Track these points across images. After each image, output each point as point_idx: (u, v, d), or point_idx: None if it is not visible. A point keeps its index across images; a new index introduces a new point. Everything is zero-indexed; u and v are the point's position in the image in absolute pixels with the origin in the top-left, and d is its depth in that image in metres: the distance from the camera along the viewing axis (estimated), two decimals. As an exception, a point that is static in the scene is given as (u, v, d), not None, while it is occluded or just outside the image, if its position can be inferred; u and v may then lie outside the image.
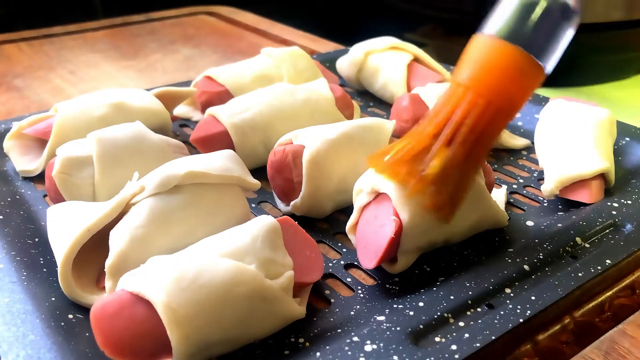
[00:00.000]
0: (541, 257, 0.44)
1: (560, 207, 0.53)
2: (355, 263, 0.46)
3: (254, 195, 0.57)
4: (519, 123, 0.70)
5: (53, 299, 0.41)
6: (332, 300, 0.42)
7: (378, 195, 0.44)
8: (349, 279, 0.44)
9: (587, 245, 0.46)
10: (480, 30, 0.42)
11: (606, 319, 0.43)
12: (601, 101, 0.62)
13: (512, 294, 0.40)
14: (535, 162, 0.61)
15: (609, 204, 0.51)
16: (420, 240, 0.43)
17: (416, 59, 0.76)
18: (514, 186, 0.57)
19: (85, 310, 0.40)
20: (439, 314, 0.38)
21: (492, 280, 0.41)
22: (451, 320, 0.38)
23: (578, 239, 0.46)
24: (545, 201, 0.54)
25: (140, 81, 0.95)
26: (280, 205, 0.54)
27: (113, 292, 0.36)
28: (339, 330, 0.38)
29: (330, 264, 0.46)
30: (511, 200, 0.55)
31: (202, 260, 0.36)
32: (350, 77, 0.80)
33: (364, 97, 0.81)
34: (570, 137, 0.55)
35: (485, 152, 0.43)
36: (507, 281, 0.42)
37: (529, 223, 0.50)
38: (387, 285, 0.43)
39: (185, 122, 0.73)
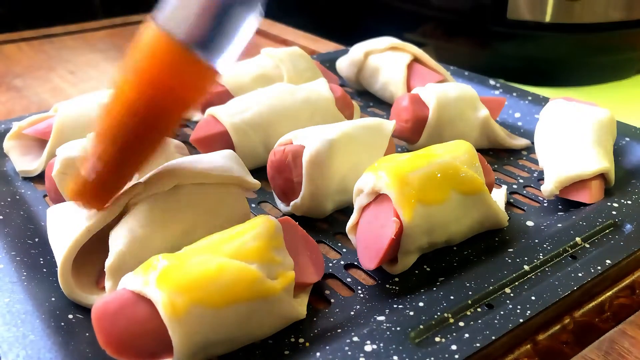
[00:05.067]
0: (541, 257, 0.44)
1: (560, 207, 0.53)
2: (355, 263, 0.46)
3: (254, 195, 0.57)
4: (519, 123, 0.70)
5: (53, 299, 0.41)
6: (332, 301, 0.42)
7: (378, 196, 0.44)
8: (349, 279, 0.44)
9: (587, 245, 0.46)
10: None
11: (606, 319, 0.43)
12: (601, 101, 0.62)
13: (512, 294, 0.40)
14: (535, 162, 0.61)
15: (609, 204, 0.51)
16: (420, 241, 0.43)
17: (416, 59, 0.76)
18: (514, 186, 0.57)
19: (85, 310, 0.41)
20: (439, 314, 0.38)
21: (492, 280, 0.41)
22: (451, 320, 0.38)
23: (578, 239, 0.46)
24: (545, 201, 0.54)
25: (140, 81, 0.94)
26: (280, 205, 0.54)
27: (115, 291, 0.36)
28: (339, 331, 0.38)
29: (330, 264, 0.46)
30: (511, 200, 0.55)
31: (203, 260, 0.36)
32: (350, 77, 0.80)
33: (364, 97, 0.80)
34: (570, 137, 0.55)
35: (151, 143, 0.40)
36: (507, 281, 0.42)
37: (529, 223, 0.50)
38: (387, 285, 0.43)
39: (185, 122, 0.73)
